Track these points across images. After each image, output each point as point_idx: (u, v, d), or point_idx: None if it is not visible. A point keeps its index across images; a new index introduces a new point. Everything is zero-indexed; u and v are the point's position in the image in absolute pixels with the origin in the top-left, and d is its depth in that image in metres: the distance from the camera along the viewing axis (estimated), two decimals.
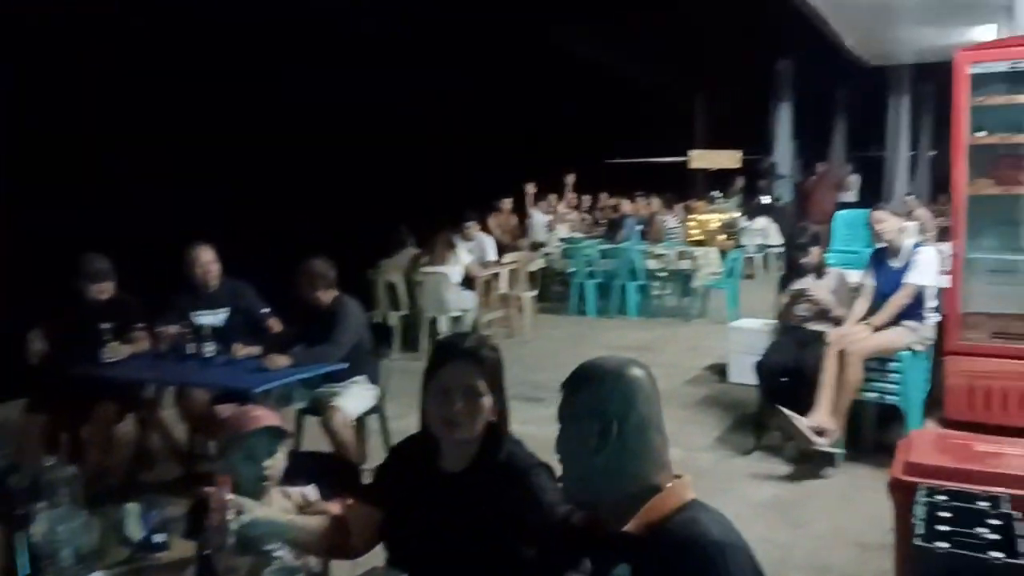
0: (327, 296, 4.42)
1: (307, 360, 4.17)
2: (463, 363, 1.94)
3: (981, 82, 5.05)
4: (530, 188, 10.84)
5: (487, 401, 1.94)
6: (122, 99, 9.01)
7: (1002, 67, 4.98)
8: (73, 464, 2.19)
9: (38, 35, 8.20)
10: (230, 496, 1.90)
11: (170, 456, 4.73)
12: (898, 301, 4.82)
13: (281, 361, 4.09)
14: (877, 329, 4.80)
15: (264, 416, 2.28)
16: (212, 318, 4.58)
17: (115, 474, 4.19)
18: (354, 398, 4.38)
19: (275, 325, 4.72)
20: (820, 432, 4.54)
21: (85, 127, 8.72)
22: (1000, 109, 5.09)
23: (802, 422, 4.51)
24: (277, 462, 2.25)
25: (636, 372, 1.61)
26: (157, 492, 4.18)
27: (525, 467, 1.94)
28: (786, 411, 4.53)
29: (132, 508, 2.13)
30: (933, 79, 16.27)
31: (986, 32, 10.86)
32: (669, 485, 1.56)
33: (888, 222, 4.96)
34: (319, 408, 4.33)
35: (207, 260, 4.62)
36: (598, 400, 1.58)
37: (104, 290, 4.44)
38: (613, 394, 1.57)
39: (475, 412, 1.92)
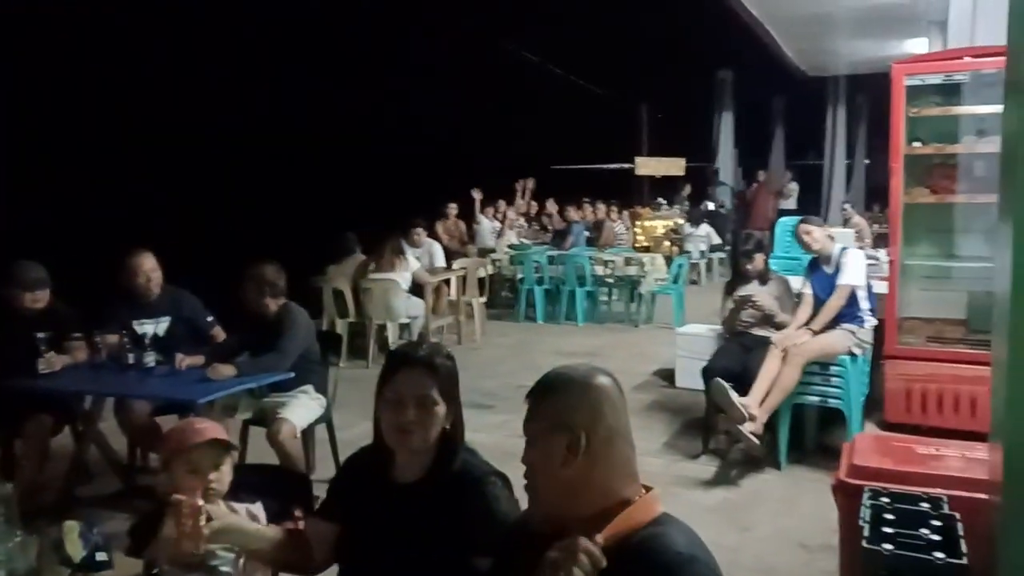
0: (274, 304, 4.32)
1: (253, 370, 4.07)
2: (417, 371, 1.92)
3: (916, 94, 5.23)
4: (477, 194, 10.85)
5: (441, 410, 1.92)
6: (61, 102, 8.77)
7: (936, 79, 5.16)
8: (6, 481, 2.11)
9: None
10: (201, 502, 1.85)
11: (109, 470, 4.59)
12: (833, 303, 4.91)
13: (226, 371, 3.98)
14: (817, 333, 4.89)
15: (208, 429, 2.21)
16: (154, 327, 4.46)
17: (51, 490, 4.04)
18: (301, 408, 4.30)
19: (220, 334, 4.62)
20: (743, 421, 4.59)
21: (20, 130, 8.45)
22: (934, 120, 5.27)
23: (737, 398, 4.56)
24: (222, 476, 2.18)
25: (603, 381, 1.59)
26: (96, 508, 4.07)
27: (479, 476, 1.92)
28: (725, 383, 4.58)
29: (71, 526, 2.04)
30: (868, 90, 16.84)
31: (918, 45, 11.26)
32: (638, 499, 1.55)
33: (815, 233, 5.04)
34: (265, 419, 4.25)
35: (149, 267, 4.48)
36: (565, 411, 1.55)
37: (39, 299, 4.27)
38: (580, 404, 1.55)
39: (429, 421, 1.90)
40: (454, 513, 1.87)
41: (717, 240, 13.00)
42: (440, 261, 8.69)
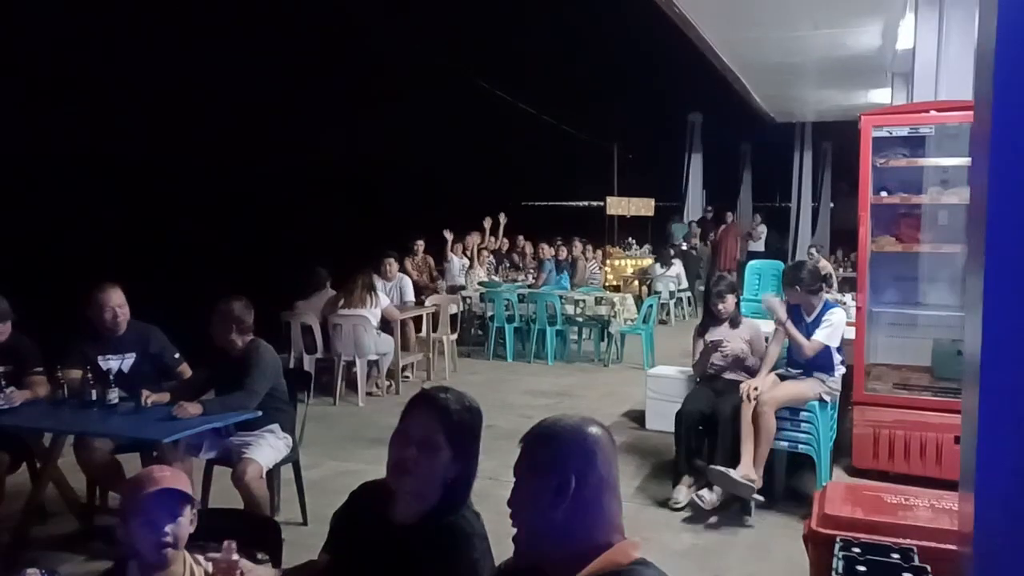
0: (241, 340, 4.26)
1: (219, 408, 4.00)
2: (429, 413, 1.93)
3: (883, 145, 5.35)
4: (448, 235, 10.83)
5: (444, 456, 1.91)
6: (23, 131, 8.66)
7: (903, 131, 5.29)
8: None
9: None
10: (235, 556, 1.83)
11: (68, 510, 4.45)
12: (803, 353, 4.92)
13: (192, 409, 3.90)
14: (783, 379, 4.93)
15: (166, 478, 2.16)
16: (119, 363, 4.38)
17: (6, 530, 3.93)
18: (267, 448, 4.22)
19: (186, 371, 4.55)
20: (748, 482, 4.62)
21: None
22: (900, 170, 5.40)
23: (736, 475, 4.58)
24: (180, 528, 2.13)
25: (597, 431, 1.65)
26: (53, 549, 3.95)
27: (468, 534, 1.91)
28: (720, 468, 4.60)
29: (32, 574, 1.98)
30: (833, 136, 17.27)
31: (881, 95, 11.59)
32: (617, 544, 1.58)
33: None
34: (230, 458, 4.18)
35: (117, 302, 4.39)
36: (559, 456, 1.60)
37: (0, 332, 4.18)
38: (574, 451, 1.60)
39: (428, 464, 1.90)
40: (435, 565, 1.86)
41: (685, 281, 13.10)
42: (410, 296, 8.66)
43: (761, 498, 4.69)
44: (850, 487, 3.50)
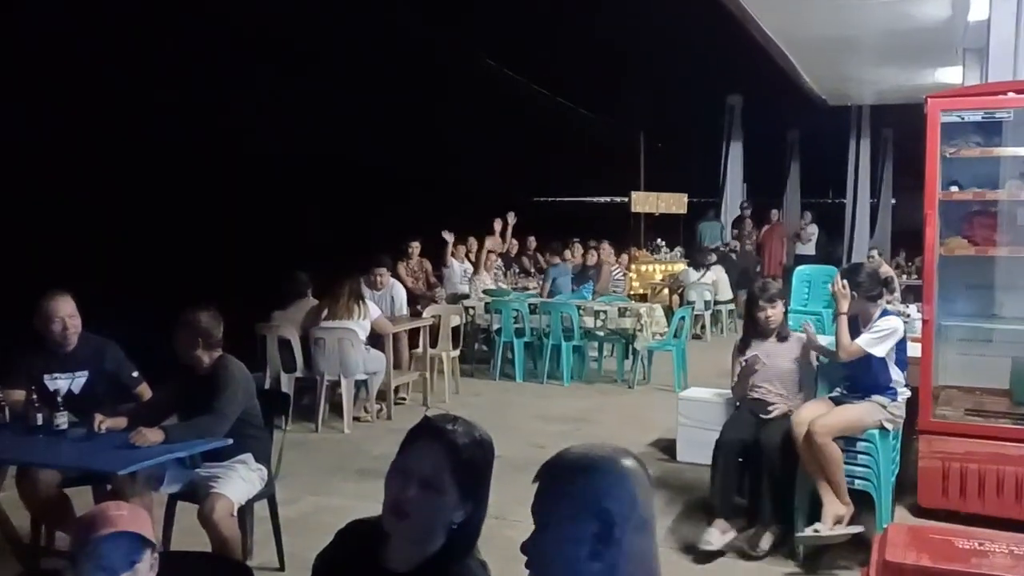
0: (209, 357, 4.26)
1: (184, 435, 4.00)
2: (433, 448, 1.88)
3: (953, 132, 5.29)
4: (448, 236, 10.77)
5: (449, 500, 1.88)
6: None
7: (976, 116, 5.23)
8: None
9: None
10: None
11: (8, 550, 4.44)
12: (838, 355, 4.89)
13: (152, 436, 3.89)
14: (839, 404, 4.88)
15: (122, 517, 2.15)
16: (68, 382, 4.39)
17: None
18: (239, 481, 4.21)
19: (146, 392, 4.56)
20: (840, 520, 4.63)
21: None
22: (974, 162, 5.33)
23: (825, 529, 4.57)
24: (137, 575, 2.13)
25: (634, 464, 1.63)
26: None
27: None
28: (807, 532, 4.59)
29: None
30: (895, 122, 17.19)
31: (952, 75, 11.53)
32: None
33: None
34: (196, 493, 4.17)
35: (66, 312, 4.39)
36: (597, 495, 1.56)
37: None
38: (613, 490, 1.57)
39: (429, 507, 1.87)
40: None
41: (726, 291, 13.02)
42: (403, 306, 8.66)
43: (856, 528, 4.65)
44: (915, 530, 3.49)
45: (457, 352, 9.26)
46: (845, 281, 4.91)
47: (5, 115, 8.97)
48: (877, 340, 4.78)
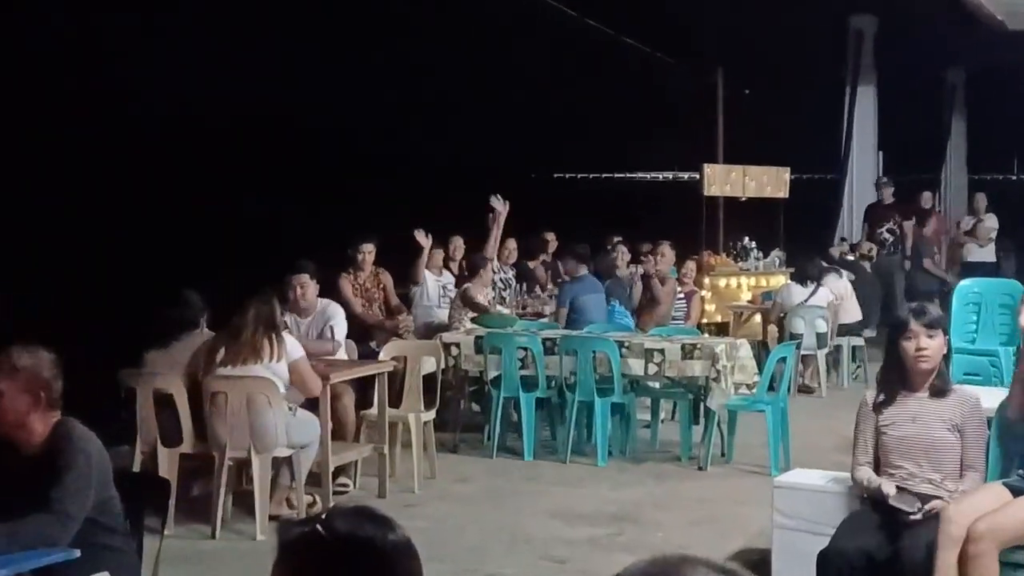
0: (43, 424, 3.77)
1: (6, 544, 3.55)
2: (317, 559, 1.65)
3: None
4: (424, 239, 8.79)
5: None
6: None
7: None
8: None
9: None
10: None
11: None
12: (1015, 412, 4.45)
13: None
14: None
15: None
16: None
17: None
18: None
19: None
20: None
21: None
22: None
23: None
24: None
25: None
26: None
27: None
28: None
29: None
30: None
31: None
32: None
33: None
34: None
35: None
36: None
37: None
38: None
39: None
40: None
41: (853, 314, 10.48)
42: (342, 340, 7.17)
43: None
44: None
45: (432, 414, 7.46)
46: None
47: None
48: None
